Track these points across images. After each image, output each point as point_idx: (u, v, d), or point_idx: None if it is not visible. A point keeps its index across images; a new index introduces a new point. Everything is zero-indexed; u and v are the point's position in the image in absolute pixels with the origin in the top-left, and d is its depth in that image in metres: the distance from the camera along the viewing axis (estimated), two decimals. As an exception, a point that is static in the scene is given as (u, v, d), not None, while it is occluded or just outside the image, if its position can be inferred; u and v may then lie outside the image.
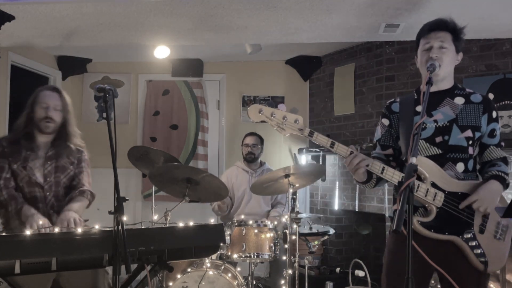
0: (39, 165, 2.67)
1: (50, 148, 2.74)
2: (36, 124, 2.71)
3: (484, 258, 2.07)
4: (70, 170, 2.77)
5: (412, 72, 4.67)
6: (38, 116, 2.70)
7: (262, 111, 2.08)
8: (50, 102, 2.72)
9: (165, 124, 5.83)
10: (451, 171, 2.13)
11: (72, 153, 2.79)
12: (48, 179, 2.66)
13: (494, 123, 2.20)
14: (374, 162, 2.09)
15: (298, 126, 2.08)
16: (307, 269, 3.77)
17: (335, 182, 5.19)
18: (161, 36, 4.21)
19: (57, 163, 2.71)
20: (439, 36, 2.16)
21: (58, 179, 2.70)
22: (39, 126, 2.70)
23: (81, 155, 2.85)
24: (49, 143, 2.75)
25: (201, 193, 3.47)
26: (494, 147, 2.21)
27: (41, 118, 2.69)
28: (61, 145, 2.75)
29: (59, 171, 2.71)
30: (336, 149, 2.10)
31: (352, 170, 2.11)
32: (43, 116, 2.69)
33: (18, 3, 3.34)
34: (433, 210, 2.07)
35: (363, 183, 2.23)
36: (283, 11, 3.48)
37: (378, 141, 2.35)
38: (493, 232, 2.11)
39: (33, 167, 2.65)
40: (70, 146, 2.80)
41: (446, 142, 2.14)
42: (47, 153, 2.72)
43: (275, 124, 2.08)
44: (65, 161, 2.74)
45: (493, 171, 2.15)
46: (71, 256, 1.92)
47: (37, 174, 2.65)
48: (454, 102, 2.19)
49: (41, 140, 2.74)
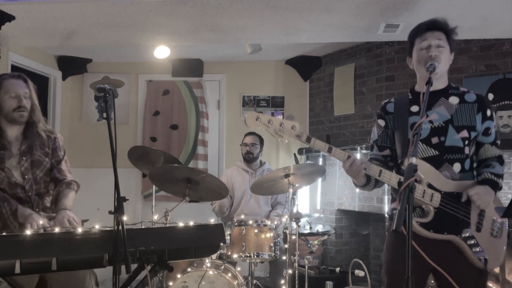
0: (15, 164, 2.56)
1: (22, 141, 2.61)
2: (6, 116, 2.56)
3: (483, 256, 2.09)
4: (46, 162, 2.66)
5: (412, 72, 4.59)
6: (9, 107, 2.54)
7: (259, 118, 2.09)
8: (20, 91, 2.56)
9: (165, 124, 5.83)
10: (447, 172, 2.13)
11: (44, 143, 2.67)
12: (27, 177, 2.57)
13: (489, 121, 2.20)
14: (371, 166, 2.11)
15: (295, 133, 2.10)
16: (307, 269, 3.77)
17: (335, 182, 5.19)
18: (161, 36, 4.21)
19: (32, 158, 2.60)
20: (436, 35, 2.17)
21: (35, 175, 2.61)
22: (11, 117, 2.55)
23: (55, 142, 2.72)
24: (20, 136, 2.62)
25: (201, 193, 3.47)
26: (489, 145, 2.22)
27: (13, 109, 2.54)
28: (32, 136, 2.62)
29: (35, 166, 2.61)
30: (333, 154, 2.12)
31: (353, 174, 2.12)
32: (15, 106, 2.54)
33: (18, 3, 3.34)
34: (430, 211, 2.09)
35: (363, 186, 2.24)
36: (283, 11, 3.49)
37: (375, 142, 2.36)
38: (489, 230, 2.13)
39: (10, 167, 2.54)
40: (41, 134, 2.66)
41: (443, 143, 2.14)
42: (20, 148, 2.59)
43: (272, 131, 2.10)
44: (39, 154, 2.63)
45: (486, 174, 2.16)
46: (71, 256, 1.92)
47: (15, 174, 2.55)
48: (448, 102, 2.20)
49: (11, 134, 2.60)
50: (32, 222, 2.38)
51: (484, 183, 2.13)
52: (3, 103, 2.55)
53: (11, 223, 2.49)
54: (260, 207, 4.26)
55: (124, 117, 5.83)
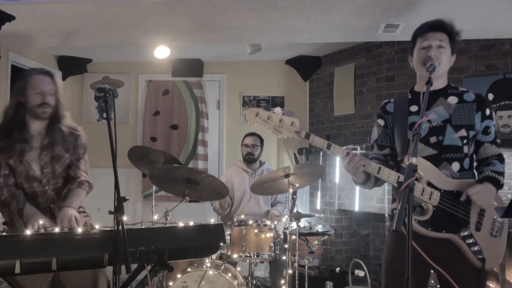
0: (35, 157, 2.58)
1: (45, 136, 2.62)
2: (30, 111, 2.59)
3: (481, 255, 2.09)
4: (65, 158, 2.66)
5: (412, 72, 4.62)
6: (33, 103, 2.57)
7: (259, 114, 2.10)
8: (45, 87, 2.60)
9: (165, 124, 5.83)
10: (446, 171, 2.14)
11: (66, 139, 2.68)
12: (45, 170, 2.59)
13: (488, 120, 2.20)
14: (370, 163, 2.11)
15: (294, 129, 2.11)
16: (307, 269, 3.77)
17: (335, 182, 5.19)
18: (161, 36, 4.21)
19: (52, 152, 2.61)
20: (438, 36, 2.17)
21: (54, 169, 2.62)
22: (35, 112, 2.59)
23: (77, 141, 2.73)
24: (43, 131, 2.63)
25: (201, 193, 3.48)
26: (489, 144, 2.22)
27: (37, 105, 2.57)
28: (55, 131, 2.64)
29: (54, 161, 2.62)
30: (332, 151, 2.13)
31: (352, 170, 2.12)
32: (39, 102, 2.57)
33: (18, 3, 3.33)
34: (429, 209, 2.09)
35: (362, 183, 2.24)
36: (283, 11, 3.48)
37: (375, 141, 2.37)
38: (489, 229, 2.13)
39: (29, 160, 2.56)
40: (64, 130, 2.68)
41: (441, 142, 2.15)
42: (42, 142, 2.61)
43: (272, 127, 2.11)
44: (60, 149, 2.64)
45: (487, 172, 2.17)
46: (71, 256, 1.92)
47: (34, 167, 2.57)
48: (447, 102, 2.20)
49: (35, 128, 2.62)
50: (33, 222, 2.39)
51: (484, 180, 2.13)
52: (28, 98, 2.58)
53: (17, 221, 2.50)
54: (260, 207, 4.26)
55: (124, 117, 5.83)
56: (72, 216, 2.46)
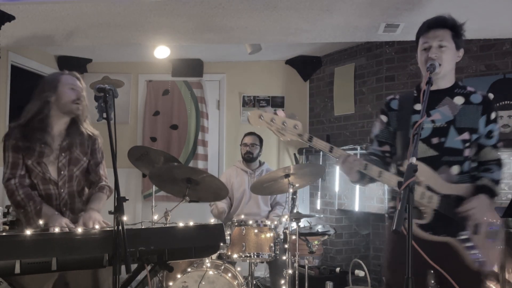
0: (53, 159, 2.57)
1: (65, 137, 2.61)
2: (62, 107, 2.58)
3: (479, 258, 2.09)
4: (83, 161, 2.67)
5: (412, 72, 4.67)
6: (68, 99, 2.57)
7: (262, 116, 2.11)
8: (77, 85, 2.64)
9: (165, 124, 5.83)
10: (445, 174, 2.13)
11: (85, 142, 2.68)
12: (62, 173, 2.58)
13: (492, 124, 2.19)
14: (372, 167, 2.11)
15: (297, 132, 2.11)
16: (307, 269, 3.77)
17: (335, 182, 5.19)
18: (161, 36, 4.21)
19: (71, 155, 2.61)
20: (438, 34, 2.15)
21: (71, 172, 2.61)
22: (69, 108, 2.58)
23: (95, 145, 2.73)
24: (63, 132, 2.63)
25: (201, 193, 3.47)
26: (491, 148, 2.21)
27: (71, 100, 2.57)
28: (75, 133, 2.64)
29: (72, 164, 2.62)
30: (335, 154, 2.14)
31: (346, 170, 2.15)
32: (74, 98, 2.58)
33: (18, 3, 3.34)
34: (429, 213, 2.09)
35: (356, 182, 2.26)
36: (283, 11, 3.49)
37: (376, 136, 2.36)
38: (486, 233, 2.12)
39: (47, 162, 2.55)
40: (83, 132, 2.68)
41: (442, 144, 2.14)
42: (61, 144, 2.60)
43: (275, 130, 2.12)
44: (78, 152, 2.64)
45: (484, 180, 2.15)
46: (71, 256, 1.93)
47: (50, 169, 2.56)
48: (453, 102, 2.18)
49: (57, 128, 2.61)
50: (55, 223, 2.38)
51: (481, 190, 2.12)
52: (63, 94, 2.58)
53: (35, 222, 2.48)
54: (260, 208, 4.26)
55: (124, 117, 5.83)
56: (96, 220, 2.46)
